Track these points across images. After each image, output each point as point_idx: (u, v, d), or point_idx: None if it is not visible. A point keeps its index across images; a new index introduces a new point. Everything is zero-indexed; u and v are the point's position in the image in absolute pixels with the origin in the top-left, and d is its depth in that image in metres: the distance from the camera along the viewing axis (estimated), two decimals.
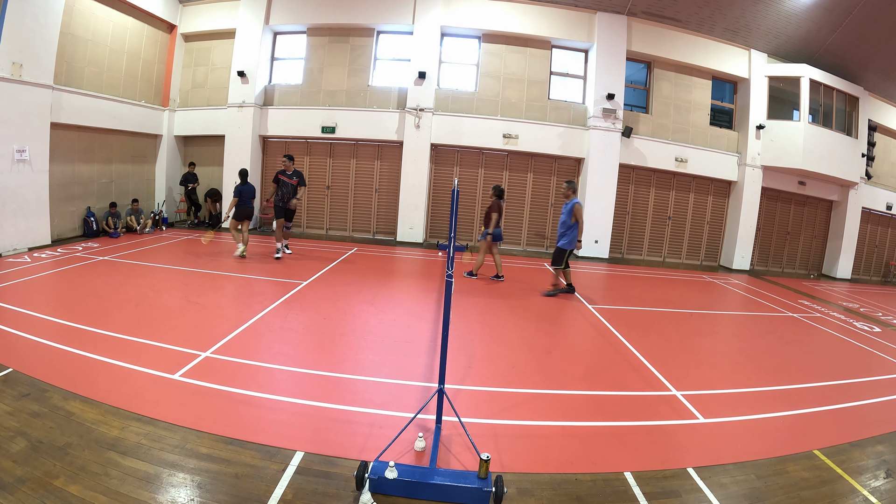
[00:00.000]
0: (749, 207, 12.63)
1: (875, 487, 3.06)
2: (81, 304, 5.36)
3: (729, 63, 12.33)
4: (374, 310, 6.01)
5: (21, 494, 2.33)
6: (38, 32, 8.02)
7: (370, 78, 11.89)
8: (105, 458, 2.68)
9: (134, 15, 10.71)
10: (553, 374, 4.45)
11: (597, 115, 11.55)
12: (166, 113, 12.04)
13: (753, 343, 6.24)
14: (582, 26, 11.62)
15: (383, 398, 3.70)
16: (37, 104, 8.14)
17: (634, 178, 12.57)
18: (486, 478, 2.60)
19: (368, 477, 2.56)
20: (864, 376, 5.23)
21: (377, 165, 12.19)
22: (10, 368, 3.63)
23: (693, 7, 11.21)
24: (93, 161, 10.08)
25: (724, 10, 11.20)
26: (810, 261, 14.18)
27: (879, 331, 7.55)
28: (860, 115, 12.92)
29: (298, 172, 8.68)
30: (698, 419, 3.79)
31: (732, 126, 12.99)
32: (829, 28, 11.34)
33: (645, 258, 12.91)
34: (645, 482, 2.88)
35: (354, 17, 11.58)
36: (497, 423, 3.46)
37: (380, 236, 12.35)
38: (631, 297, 8.25)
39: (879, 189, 14.06)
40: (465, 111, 11.74)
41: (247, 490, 2.54)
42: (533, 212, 12.44)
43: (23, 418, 2.99)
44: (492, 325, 5.88)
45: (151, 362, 3.93)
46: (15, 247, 7.82)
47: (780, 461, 3.26)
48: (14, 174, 7.85)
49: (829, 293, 10.96)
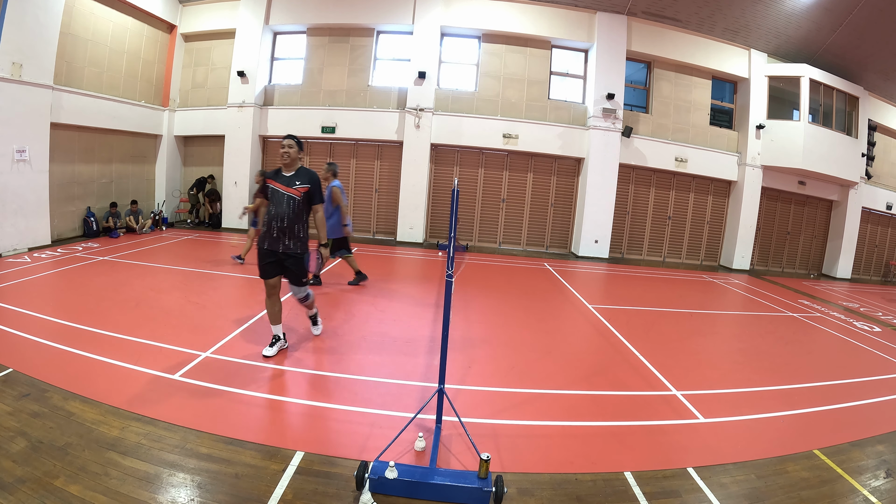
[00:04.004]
0: (749, 207, 12.63)
1: (875, 487, 3.06)
2: (81, 304, 5.36)
3: (729, 63, 12.33)
4: (374, 310, 6.01)
5: (21, 494, 2.33)
6: (38, 32, 8.02)
7: (370, 78, 11.89)
8: (105, 458, 2.68)
9: (134, 15, 10.71)
10: (553, 374, 4.45)
11: (597, 114, 11.55)
12: (166, 113, 12.04)
13: (753, 343, 6.24)
14: (582, 26, 11.62)
15: (383, 398, 3.70)
16: (37, 104, 8.14)
17: (634, 177, 12.57)
18: (486, 478, 2.60)
19: (368, 477, 2.56)
20: (864, 376, 5.23)
21: (377, 165, 12.19)
22: (10, 368, 3.63)
23: (693, 7, 11.20)
24: (93, 161, 10.07)
25: (724, 10, 11.19)
26: (810, 261, 14.18)
27: (879, 331, 7.55)
28: (860, 115, 12.92)
29: (309, 174, 4.13)
30: (698, 419, 3.79)
31: (732, 126, 12.98)
32: (829, 28, 11.33)
33: (645, 258, 12.91)
34: (645, 482, 2.88)
35: (354, 17, 11.58)
36: (497, 423, 3.46)
37: (380, 236, 12.35)
38: (631, 296, 8.25)
39: (879, 189, 14.06)
40: (465, 111, 11.74)
41: (247, 490, 2.54)
42: (533, 212, 12.44)
43: (23, 418, 2.99)
44: (492, 324, 5.88)
45: (151, 362, 3.93)
46: (15, 247, 7.82)
47: (780, 461, 3.26)
48: (14, 174, 7.85)
49: (829, 293, 10.96)
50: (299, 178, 4.03)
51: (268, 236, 4.02)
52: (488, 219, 12.44)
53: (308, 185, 4.02)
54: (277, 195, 4.00)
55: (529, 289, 8.03)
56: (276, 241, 3.99)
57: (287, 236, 4.00)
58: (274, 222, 3.98)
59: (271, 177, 4.07)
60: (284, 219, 3.97)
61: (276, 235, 3.98)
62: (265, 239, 4.04)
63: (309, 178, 4.05)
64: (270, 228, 3.99)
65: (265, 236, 4.04)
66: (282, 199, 3.98)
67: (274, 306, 4.24)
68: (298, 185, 4.00)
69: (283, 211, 3.97)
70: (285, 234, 3.99)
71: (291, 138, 4.03)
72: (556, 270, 9.93)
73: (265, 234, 4.04)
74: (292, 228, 4.00)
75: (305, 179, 4.04)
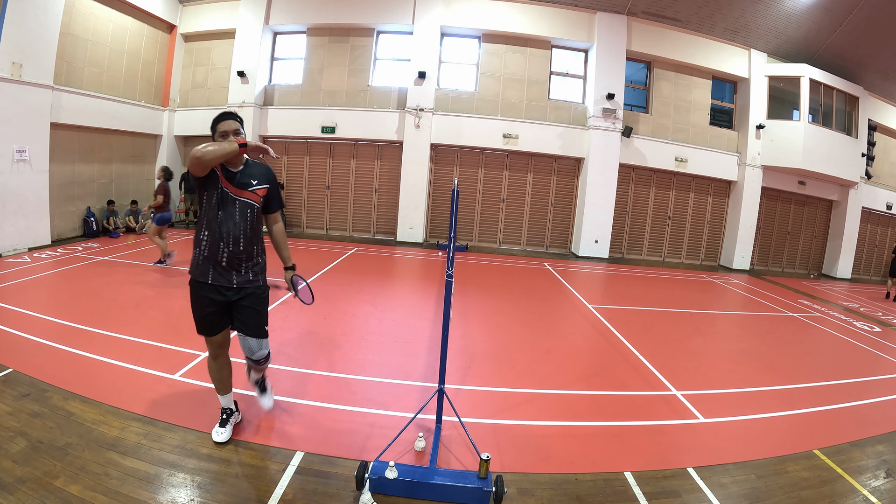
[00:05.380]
0: (749, 207, 12.63)
1: (875, 487, 3.06)
2: (81, 304, 5.36)
3: (729, 63, 12.33)
4: (374, 310, 6.01)
5: (21, 494, 2.33)
6: (38, 32, 8.02)
7: (370, 78, 11.89)
8: (105, 458, 2.68)
9: (134, 15, 10.71)
10: (553, 374, 4.45)
11: (597, 114, 11.55)
12: (166, 113, 12.04)
13: (753, 343, 6.24)
14: (582, 26, 11.62)
15: (383, 398, 3.70)
16: (37, 104, 8.14)
17: (634, 177, 12.57)
18: (486, 478, 2.60)
19: (368, 477, 2.56)
20: (864, 376, 5.23)
21: (377, 165, 12.19)
22: (10, 368, 3.63)
23: (693, 7, 11.21)
24: (93, 161, 10.08)
25: (724, 10, 11.20)
26: (810, 260, 14.18)
27: (879, 331, 7.55)
28: (860, 115, 12.92)
29: (262, 168, 2.91)
30: (698, 419, 3.79)
31: (732, 126, 12.99)
32: (829, 28, 11.34)
33: (645, 258, 12.91)
34: (645, 482, 2.88)
35: (354, 17, 11.58)
36: (497, 423, 3.46)
37: (380, 236, 12.35)
38: (631, 296, 8.25)
39: (879, 189, 14.06)
40: (465, 111, 11.74)
41: (247, 490, 2.54)
42: (533, 212, 12.44)
43: (23, 418, 2.99)
44: (492, 324, 5.88)
45: (151, 362, 3.93)
46: (15, 247, 7.82)
47: (780, 461, 3.26)
48: (14, 174, 7.85)
49: (829, 293, 10.96)
50: (255, 177, 2.78)
51: (210, 266, 2.70)
52: (488, 219, 12.44)
53: (267, 184, 2.82)
54: (226, 202, 2.67)
55: (529, 289, 8.03)
56: (227, 271, 2.72)
57: (244, 263, 2.75)
58: (222, 244, 2.67)
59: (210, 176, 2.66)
60: (240, 238, 2.69)
61: (227, 264, 2.70)
62: (204, 270, 2.71)
63: (266, 175, 2.84)
64: (216, 253, 2.68)
65: (204, 266, 2.71)
66: (233, 207, 2.68)
67: (222, 370, 2.95)
68: (256, 185, 2.76)
69: (237, 225, 2.68)
70: (241, 261, 2.73)
71: (232, 117, 2.74)
72: (556, 270, 9.93)
73: (203, 264, 2.71)
74: (250, 251, 2.75)
75: (263, 178, 2.81)
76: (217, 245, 2.68)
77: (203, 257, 2.71)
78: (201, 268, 2.72)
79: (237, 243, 2.70)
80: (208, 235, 2.68)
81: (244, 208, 2.72)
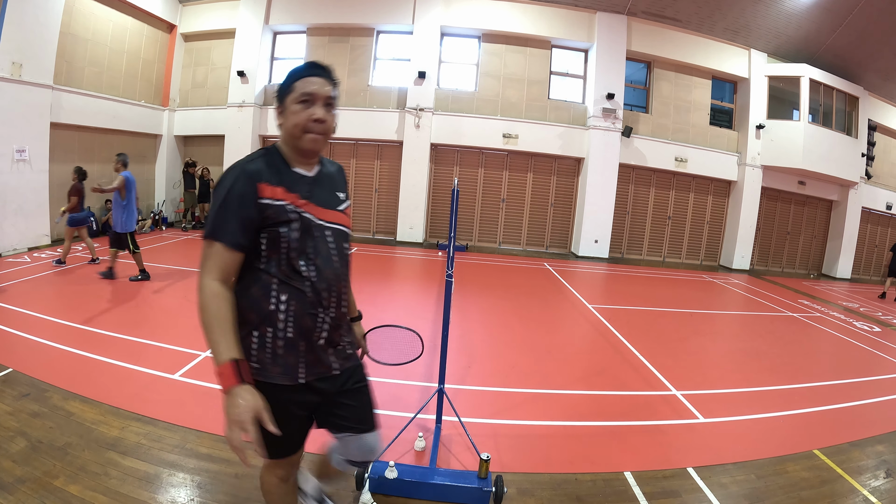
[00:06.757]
0: (749, 207, 12.63)
1: (875, 487, 3.06)
2: (81, 304, 5.36)
3: (729, 63, 12.33)
4: (374, 310, 6.01)
5: (21, 494, 2.33)
6: (38, 32, 8.02)
7: (370, 78, 11.89)
8: (105, 458, 2.68)
9: (134, 15, 10.71)
10: (553, 374, 4.45)
11: (597, 114, 11.55)
12: (166, 113, 12.04)
13: (753, 343, 6.24)
14: (582, 26, 11.62)
15: (383, 398, 3.69)
16: (37, 104, 8.14)
17: (634, 177, 12.57)
18: (486, 478, 2.60)
19: (368, 477, 2.56)
20: (863, 376, 5.23)
21: (377, 165, 12.19)
22: (10, 368, 3.62)
23: (693, 7, 11.20)
24: (93, 161, 10.06)
25: (724, 10, 11.20)
26: (810, 260, 14.19)
27: (879, 331, 7.55)
28: (860, 115, 12.93)
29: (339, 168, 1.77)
30: (698, 419, 3.79)
31: (732, 126, 12.99)
32: (829, 28, 11.34)
33: (645, 258, 12.92)
34: (645, 482, 2.88)
35: (354, 17, 11.58)
36: (497, 423, 3.45)
37: (379, 236, 12.35)
38: (631, 296, 8.25)
39: (879, 189, 14.06)
40: (465, 111, 11.74)
41: (247, 490, 2.53)
42: (533, 212, 12.44)
43: (23, 418, 2.99)
44: (492, 325, 5.88)
45: (151, 362, 3.93)
46: (15, 247, 7.82)
47: (780, 461, 3.26)
48: (14, 174, 7.85)
49: (829, 293, 10.96)
50: (337, 185, 1.69)
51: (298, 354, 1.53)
52: (488, 219, 12.44)
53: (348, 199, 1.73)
54: (311, 234, 1.52)
55: (529, 289, 8.03)
56: (325, 352, 1.59)
57: (343, 329, 1.66)
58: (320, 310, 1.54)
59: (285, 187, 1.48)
60: (343, 291, 1.62)
61: (326, 340, 1.58)
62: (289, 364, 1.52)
63: (344, 181, 1.77)
64: (310, 329, 1.53)
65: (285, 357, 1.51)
66: (324, 243, 1.55)
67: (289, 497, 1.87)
68: (344, 200, 1.69)
69: (336, 272, 1.58)
70: (341, 330, 1.65)
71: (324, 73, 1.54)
72: (556, 270, 9.93)
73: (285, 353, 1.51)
74: (346, 306, 1.68)
75: (343, 185, 1.74)
76: (312, 313, 1.52)
77: (282, 343, 1.50)
78: (280, 361, 1.51)
79: (339, 301, 1.60)
80: (290, 301, 1.49)
81: (339, 240, 1.61)
